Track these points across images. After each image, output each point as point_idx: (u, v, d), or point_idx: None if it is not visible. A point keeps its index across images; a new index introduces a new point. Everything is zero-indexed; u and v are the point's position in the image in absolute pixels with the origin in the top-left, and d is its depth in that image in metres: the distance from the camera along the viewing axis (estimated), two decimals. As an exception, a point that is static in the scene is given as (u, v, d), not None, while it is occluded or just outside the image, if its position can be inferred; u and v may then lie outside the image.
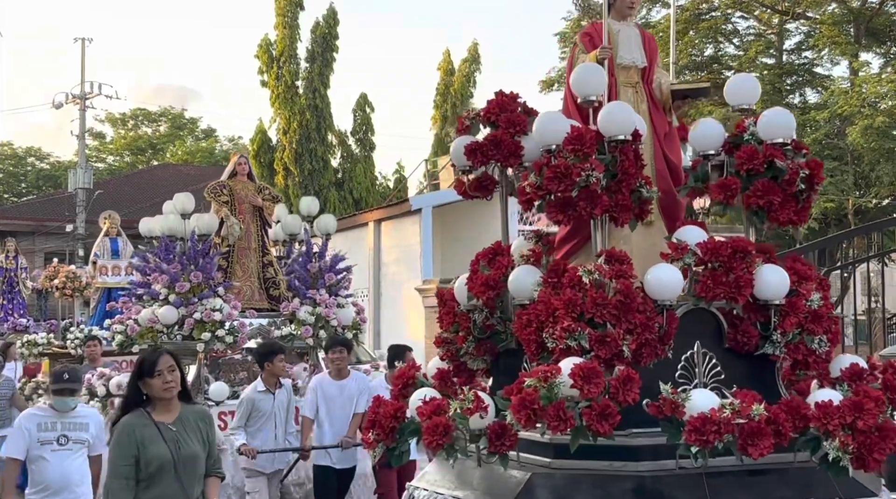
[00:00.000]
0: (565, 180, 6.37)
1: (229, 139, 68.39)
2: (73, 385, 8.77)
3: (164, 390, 6.42)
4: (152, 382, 6.41)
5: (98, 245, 18.43)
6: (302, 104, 42.42)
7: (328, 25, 43.21)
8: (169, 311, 12.00)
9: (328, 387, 11.03)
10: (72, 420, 8.68)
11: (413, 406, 6.77)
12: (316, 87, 42.67)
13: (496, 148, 7.18)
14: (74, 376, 8.91)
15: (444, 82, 46.01)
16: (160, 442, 6.41)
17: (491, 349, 7.35)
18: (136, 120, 68.78)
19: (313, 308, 12.89)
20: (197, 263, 12.12)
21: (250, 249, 13.80)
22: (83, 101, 46.80)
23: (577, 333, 6.13)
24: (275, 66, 42.73)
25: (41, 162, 66.01)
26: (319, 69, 42.81)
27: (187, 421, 6.60)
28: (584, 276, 6.31)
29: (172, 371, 6.46)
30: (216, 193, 13.66)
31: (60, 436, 8.56)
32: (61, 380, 8.68)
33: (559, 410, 5.82)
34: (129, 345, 12.23)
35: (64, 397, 8.65)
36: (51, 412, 8.70)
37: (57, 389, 8.67)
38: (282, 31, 42.82)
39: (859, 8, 35.54)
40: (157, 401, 6.50)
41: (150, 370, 6.40)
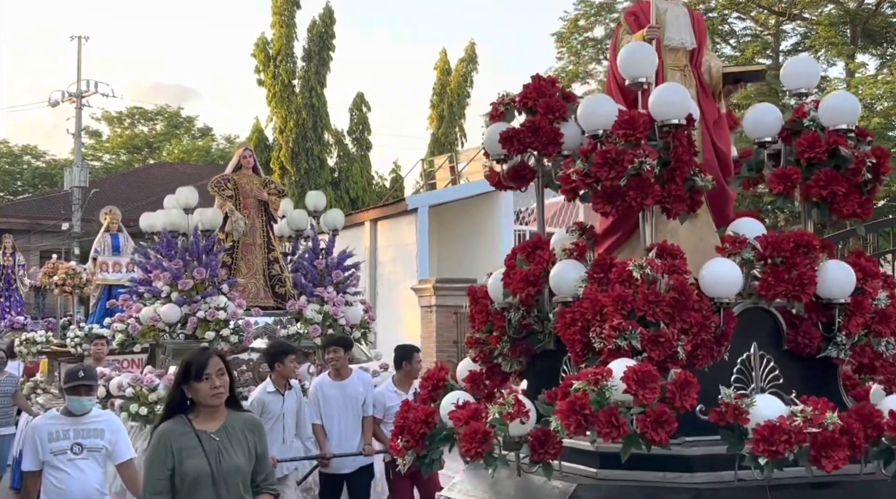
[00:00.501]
0: (615, 167, 5.80)
1: (226, 138, 67.94)
2: (88, 382, 7.94)
3: (212, 395, 5.64)
4: (199, 386, 5.62)
5: (98, 241, 17.58)
6: (298, 103, 41.91)
7: (324, 24, 42.73)
8: (171, 309, 11.37)
9: (328, 388, 10.41)
10: (86, 426, 7.83)
11: (445, 411, 6.22)
12: (312, 86, 42.15)
13: (534, 135, 6.62)
14: (90, 374, 8.09)
15: (440, 82, 45.48)
16: (199, 453, 5.63)
17: (527, 350, 6.78)
18: (133, 118, 67.95)
19: (321, 306, 12.22)
20: (200, 260, 11.48)
21: (255, 245, 13.11)
22: (79, 99, 46.26)
23: (627, 332, 5.56)
24: (271, 65, 42.21)
25: (37, 160, 65.27)
26: (316, 68, 42.31)
27: (232, 430, 5.78)
28: (635, 271, 5.74)
29: (222, 375, 5.67)
30: (220, 186, 12.98)
31: (74, 444, 7.73)
32: (76, 377, 7.86)
33: (611, 416, 5.26)
34: (131, 344, 11.62)
35: (79, 396, 7.81)
36: (62, 419, 7.86)
37: (71, 387, 7.83)
38: (278, 29, 42.33)
39: (856, 9, 35.33)
40: (201, 407, 5.71)
41: (198, 373, 5.61)
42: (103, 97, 47.38)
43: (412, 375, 10.67)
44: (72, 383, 7.84)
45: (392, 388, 10.64)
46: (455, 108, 44.96)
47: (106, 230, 17.59)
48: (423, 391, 7.02)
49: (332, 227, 13.23)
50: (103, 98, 47.43)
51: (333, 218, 13.26)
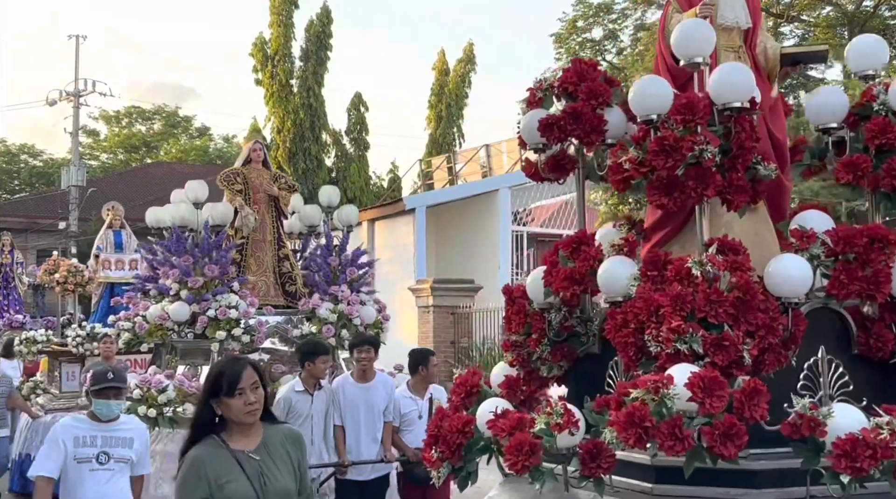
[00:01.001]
0: (674, 155, 5.24)
1: (223, 138, 67.34)
2: (117, 385, 7.20)
3: (245, 413, 4.82)
4: (231, 403, 4.79)
5: (101, 238, 16.94)
6: (296, 103, 41.36)
7: (322, 24, 42.21)
8: (181, 307, 10.69)
9: (351, 390, 9.73)
10: (114, 434, 7.11)
11: (482, 419, 5.66)
12: (310, 85, 41.60)
13: (576, 122, 6.06)
14: (119, 376, 7.32)
15: (438, 82, 44.94)
16: (240, 477, 4.81)
17: (569, 354, 6.22)
18: (130, 118, 67.19)
19: (335, 305, 11.56)
20: (210, 257, 10.85)
21: (265, 241, 12.41)
22: (77, 98, 45.74)
23: (688, 335, 5.00)
24: (269, 65, 41.64)
25: (34, 159, 64.49)
26: (313, 68, 41.76)
27: (273, 447, 4.96)
28: (694, 268, 5.20)
29: (256, 389, 4.85)
30: (229, 180, 12.30)
31: (101, 453, 7.01)
32: (104, 379, 7.12)
33: (675, 428, 4.71)
34: (137, 343, 10.98)
35: (107, 400, 7.09)
36: (89, 423, 7.14)
37: (99, 389, 7.09)
38: (276, 29, 41.76)
39: (854, 11, 34.96)
40: (234, 424, 4.88)
41: (230, 388, 4.78)
42: (101, 96, 46.84)
43: (428, 380, 10.12)
44: (99, 385, 7.13)
45: (407, 393, 10.06)
46: (453, 108, 44.44)
47: (108, 227, 16.88)
48: (455, 398, 6.46)
49: (346, 223, 12.55)
50: (101, 97, 46.88)
51: (347, 214, 12.57)
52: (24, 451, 14.17)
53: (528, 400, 6.41)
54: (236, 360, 5.10)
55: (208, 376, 5.00)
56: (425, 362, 10.07)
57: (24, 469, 14.22)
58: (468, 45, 45.41)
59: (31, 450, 14.09)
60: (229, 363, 5.00)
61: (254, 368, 4.91)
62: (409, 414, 9.96)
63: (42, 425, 14.15)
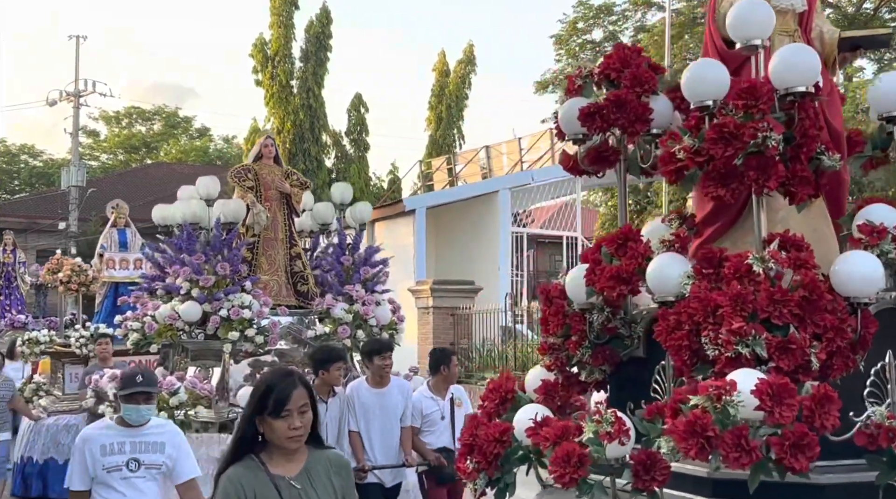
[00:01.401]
0: (734, 143, 4.79)
1: (223, 138, 66.86)
2: (148, 389, 6.67)
3: (289, 438, 4.31)
4: (276, 425, 4.28)
5: (105, 236, 16.45)
6: (296, 104, 40.93)
7: (321, 25, 41.80)
8: (192, 307, 10.17)
9: (367, 396, 9.27)
10: (144, 439, 6.62)
11: (521, 427, 5.24)
12: (310, 86, 41.18)
13: (620, 110, 5.61)
14: (149, 379, 6.81)
15: (439, 83, 44.53)
16: None
17: (611, 357, 5.78)
18: (130, 118, 66.68)
19: (350, 305, 11.07)
20: (221, 255, 10.36)
21: (277, 239, 11.85)
22: (77, 98, 45.22)
23: (750, 337, 4.57)
24: (269, 66, 41.20)
25: (34, 159, 64.01)
26: (313, 69, 41.34)
27: (316, 475, 4.43)
28: (756, 265, 4.76)
29: (304, 413, 4.33)
30: (241, 177, 11.75)
31: (130, 460, 6.52)
32: (133, 383, 6.58)
33: (740, 438, 4.28)
34: (146, 344, 10.49)
35: (137, 405, 6.57)
36: (117, 430, 6.64)
37: (129, 394, 6.58)
38: (276, 30, 41.33)
39: (854, 13, 34.65)
40: (275, 447, 4.37)
41: (277, 408, 4.27)
42: (101, 97, 46.30)
43: (449, 380, 9.72)
44: (129, 389, 6.62)
45: (428, 394, 9.65)
46: (453, 109, 44.04)
47: (112, 225, 16.38)
48: (489, 403, 6.03)
49: (359, 220, 12.03)
50: (101, 98, 46.33)
51: (361, 211, 12.05)
52: (27, 454, 13.75)
53: (563, 406, 5.99)
54: (288, 375, 4.47)
55: (255, 390, 4.48)
56: (447, 362, 9.67)
57: (26, 473, 13.82)
58: (468, 47, 45.07)
59: (34, 453, 13.66)
60: (279, 379, 4.42)
61: (305, 388, 4.38)
62: (431, 415, 9.57)
63: (44, 428, 13.72)
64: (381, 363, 9.20)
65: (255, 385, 4.56)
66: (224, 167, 51.33)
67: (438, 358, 9.81)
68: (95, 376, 10.54)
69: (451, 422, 9.64)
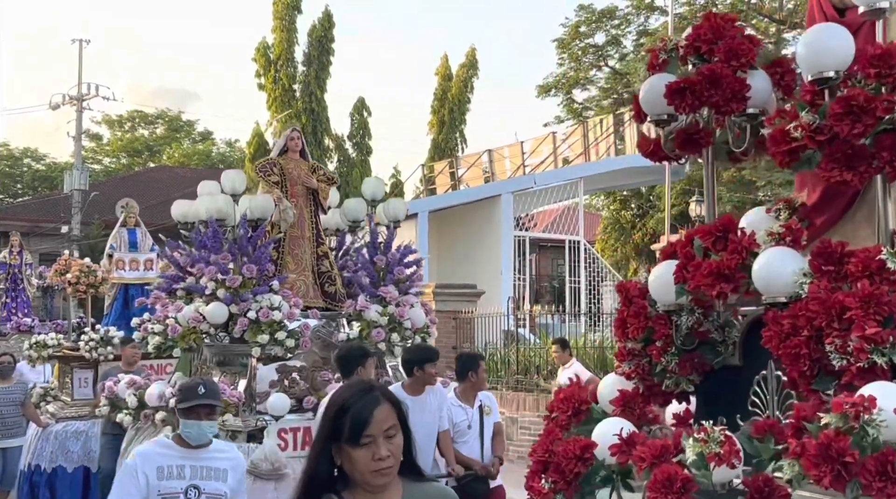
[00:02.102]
0: (864, 118, 4.07)
1: (226, 142, 66.22)
2: (212, 401, 5.77)
3: (374, 471, 3.23)
4: (355, 454, 3.21)
5: (114, 236, 15.51)
6: (298, 108, 40.23)
7: (324, 29, 41.09)
8: (218, 308, 9.30)
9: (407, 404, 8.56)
10: (206, 463, 5.68)
11: (604, 444, 4.53)
12: (312, 90, 40.52)
13: (713, 86, 4.88)
14: (213, 390, 5.88)
15: (441, 87, 43.76)
16: None
17: (700, 365, 5.04)
18: (133, 122, 65.91)
19: (384, 307, 10.22)
20: (248, 254, 9.54)
21: (303, 237, 10.88)
22: (80, 102, 44.56)
23: (887, 345, 3.85)
24: (272, 70, 40.53)
25: (37, 163, 63.22)
26: (316, 73, 40.66)
27: None
28: (890, 261, 4.03)
29: (392, 437, 3.28)
30: (266, 171, 10.80)
31: (190, 487, 5.58)
32: (195, 394, 5.68)
33: (886, 464, 3.56)
34: (168, 348, 9.73)
35: (199, 420, 5.65)
36: (176, 450, 5.69)
37: (189, 408, 5.66)
38: (279, 34, 40.71)
39: (857, 17, 33.84)
40: (358, 483, 3.29)
41: (354, 433, 3.21)
42: (104, 100, 45.58)
43: (478, 386, 9.00)
44: (190, 402, 5.68)
45: (456, 401, 8.99)
46: (455, 113, 43.25)
47: (122, 225, 15.47)
48: (560, 415, 5.29)
49: (392, 218, 11.14)
50: (104, 101, 45.61)
51: (394, 208, 11.15)
52: (34, 462, 13.01)
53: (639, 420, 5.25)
54: (367, 390, 3.36)
55: (326, 412, 3.40)
56: (475, 368, 8.96)
57: (33, 481, 13.07)
58: (471, 51, 44.26)
59: (42, 461, 12.95)
60: (356, 395, 3.33)
61: (392, 405, 3.33)
62: (460, 424, 8.92)
63: (52, 435, 12.98)
64: (432, 371, 8.56)
65: (326, 405, 3.49)
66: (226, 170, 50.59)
67: (466, 363, 9.14)
68: (109, 382, 9.79)
69: (480, 431, 9.02)
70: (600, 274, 32.42)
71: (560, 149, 35.56)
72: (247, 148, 42.39)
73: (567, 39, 38.50)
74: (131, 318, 13.78)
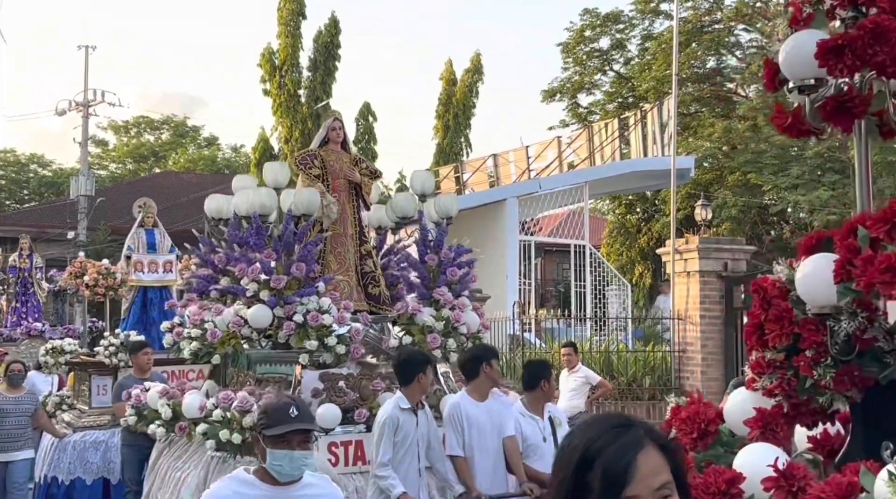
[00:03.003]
0: None
1: (231, 148, 65.31)
2: (307, 425, 4.44)
3: None
4: None
5: (132, 237, 14.24)
6: (304, 113, 39.48)
7: (329, 34, 40.34)
8: (262, 311, 8.20)
9: (472, 410, 7.61)
10: None
11: (754, 476, 3.59)
12: (318, 96, 39.75)
13: (879, 43, 3.92)
14: (306, 412, 4.54)
15: (446, 92, 42.95)
16: None
17: (861, 379, 4.03)
18: (139, 127, 65.07)
19: (438, 311, 9.02)
20: (291, 252, 8.41)
21: (346, 235, 9.69)
22: (86, 108, 43.68)
23: None
24: (277, 75, 39.69)
25: (44, 169, 62.53)
26: (321, 78, 39.91)
27: None
28: None
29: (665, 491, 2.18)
30: (306, 164, 9.68)
31: None
32: (286, 417, 4.34)
33: None
34: (207, 355, 8.61)
35: (291, 450, 4.33)
36: (261, 489, 4.36)
37: (280, 435, 4.33)
38: (284, 39, 39.87)
39: (862, 21, 32.95)
40: None
41: (612, 491, 2.14)
42: (110, 106, 44.65)
43: (549, 396, 7.99)
44: (280, 427, 4.34)
45: (526, 412, 7.97)
46: (460, 118, 42.45)
47: (140, 225, 14.36)
48: (682, 437, 4.32)
49: (444, 214, 9.97)
50: (110, 107, 44.66)
51: (447, 204, 9.99)
52: (51, 474, 12.00)
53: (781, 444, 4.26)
54: (623, 428, 2.23)
55: (563, 456, 2.28)
56: (548, 376, 7.97)
57: (50, 494, 12.05)
58: (475, 56, 43.43)
59: (59, 473, 11.95)
60: (608, 435, 2.22)
61: (662, 450, 2.23)
62: (532, 437, 7.85)
63: (70, 445, 11.98)
64: (496, 368, 7.72)
65: (561, 447, 2.35)
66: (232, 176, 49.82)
67: (537, 372, 8.12)
68: (135, 390, 8.75)
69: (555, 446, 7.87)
70: (606, 278, 31.53)
71: (565, 153, 34.71)
72: (252, 153, 41.61)
73: (572, 44, 37.50)
74: (149, 322, 12.80)
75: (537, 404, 7.98)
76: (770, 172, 30.30)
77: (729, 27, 35.41)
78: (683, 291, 15.21)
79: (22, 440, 11.49)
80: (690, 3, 35.07)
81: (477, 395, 7.62)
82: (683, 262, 15.32)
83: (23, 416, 11.45)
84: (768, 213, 33.02)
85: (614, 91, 37.92)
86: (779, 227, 35.46)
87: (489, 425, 7.54)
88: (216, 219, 9.61)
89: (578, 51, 37.70)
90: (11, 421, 11.31)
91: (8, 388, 11.53)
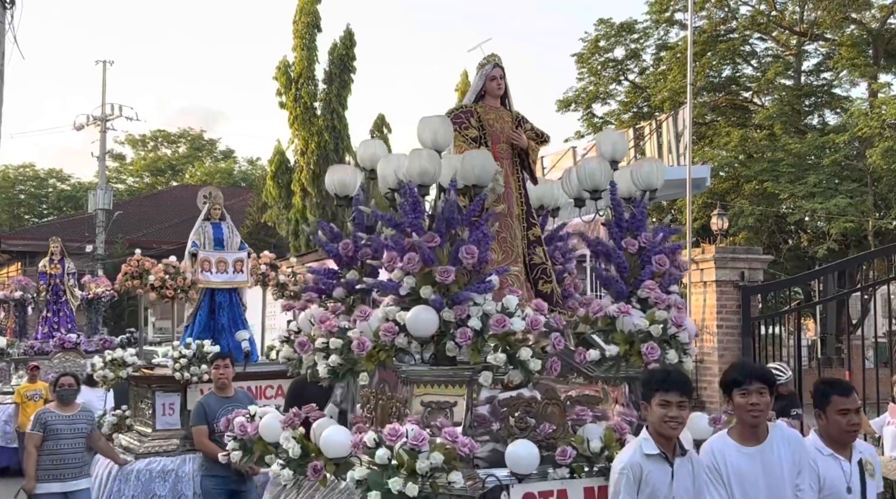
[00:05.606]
0: None
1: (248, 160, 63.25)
2: None
3: None
4: None
5: (197, 232, 11.56)
6: (320, 125, 37.29)
7: (345, 47, 38.17)
8: (425, 313, 5.47)
9: (737, 457, 4.97)
10: None
11: None
12: (334, 108, 37.58)
13: None
14: None
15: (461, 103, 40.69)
16: None
17: None
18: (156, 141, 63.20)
19: (648, 313, 6.17)
20: (455, 235, 5.76)
21: (511, 215, 6.89)
22: (104, 123, 41.63)
23: None
24: (293, 88, 37.48)
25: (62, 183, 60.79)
26: (337, 90, 37.72)
27: None
28: None
29: None
30: (461, 122, 7.03)
31: None
32: None
33: None
34: (348, 371, 5.83)
35: None
36: None
37: None
38: (300, 52, 37.67)
39: (878, 29, 31.68)
40: None
41: None
42: (127, 121, 42.52)
43: None
44: None
45: (826, 450, 5.24)
46: (474, 129, 40.27)
47: (206, 218, 11.64)
48: None
49: (646, 185, 6.92)
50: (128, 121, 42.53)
51: (647, 173, 6.87)
52: (109, 508, 9.55)
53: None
54: None
55: None
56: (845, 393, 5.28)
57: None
58: (490, 68, 41.28)
59: (119, 508, 9.50)
60: None
61: None
62: (833, 484, 5.14)
63: (133, 474, 9.59)
64: (749, 400, 4.97)
65: None
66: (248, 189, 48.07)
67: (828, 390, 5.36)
68: (240, 418, 6.32)
69: None
70: (622, 286, 29.36)
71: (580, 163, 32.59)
72: (268, 166, 39.78)
73: (586, 54, 35.54)
74: (218, 329, 10.47)
75: (840, 439, 5.28)
76: (787, 180, 28.51)
77: (744, 36, 33.52)
78: (700, 301, 13.64)
79: (80, 467, 8.97)
80: (705, 13, 33.24)
81: (738, 435, 5.06)
82: (700, 271, 13.78)
83: (79, 437, 8.90)
84: (785, 222, 31.26)
85: (629, 101, 35.87)
86: (796, 235, 33.59)
87: (763, 478, 4.94)
88: (340, 197, 7.24)
89: (593, 61, 35.77)
90: (67, 444, 8.74)
91: (59, 405, 9.01)
